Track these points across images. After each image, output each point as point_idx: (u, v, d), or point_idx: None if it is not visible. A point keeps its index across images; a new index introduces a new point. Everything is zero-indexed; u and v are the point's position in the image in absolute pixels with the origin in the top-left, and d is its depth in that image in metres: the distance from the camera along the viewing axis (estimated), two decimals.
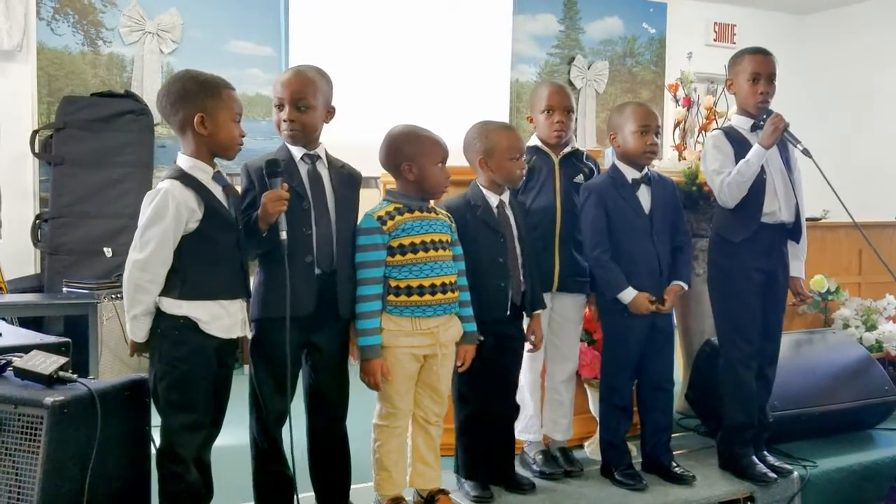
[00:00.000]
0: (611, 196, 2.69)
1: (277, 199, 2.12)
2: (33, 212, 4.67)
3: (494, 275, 2.50)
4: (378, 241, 2.30)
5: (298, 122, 2.23)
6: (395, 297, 2.30)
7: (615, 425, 2.76)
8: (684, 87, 4.00)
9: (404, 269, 2.30)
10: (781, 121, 2.64)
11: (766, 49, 2.77)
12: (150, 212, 2.01)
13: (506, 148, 2.51)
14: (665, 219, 2.72)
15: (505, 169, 2.51)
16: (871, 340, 3.77)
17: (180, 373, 2.04)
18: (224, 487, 2.25)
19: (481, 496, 2.53)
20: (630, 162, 2.71)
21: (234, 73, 4.99)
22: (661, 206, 2.72)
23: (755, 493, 2.74)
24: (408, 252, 2.30)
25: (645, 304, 2.64)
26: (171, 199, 2.00)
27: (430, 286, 2.31)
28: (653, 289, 2.67)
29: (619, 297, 2.65)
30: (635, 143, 2.67)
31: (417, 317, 2.31)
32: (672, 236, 2.75)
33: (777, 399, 2.98)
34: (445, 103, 5.41)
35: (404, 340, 2.31)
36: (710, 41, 6.99)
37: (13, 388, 1.94)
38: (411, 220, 2.33)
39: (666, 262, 2.71)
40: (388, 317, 2.30)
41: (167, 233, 2.00)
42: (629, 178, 2.71)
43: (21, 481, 1.85)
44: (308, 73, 2.28)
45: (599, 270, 2.69)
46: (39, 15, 4.75)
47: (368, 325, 2.28)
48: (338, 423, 2.37)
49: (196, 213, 2.04)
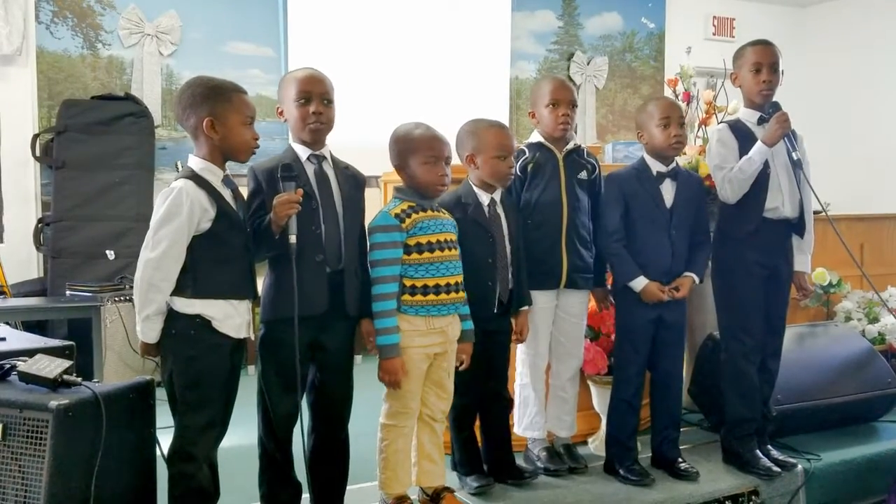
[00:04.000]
0: (632, 187, 2.70)
1: (287, 202, 2.12)
2: (35, 216, 4.67)
3: (483, 274, 2.50)
4: (397, 238, 2.30)
5: (325, 115, 2.26)
6: (410, 297, 2.30)
7: (622, 421, 2.76)
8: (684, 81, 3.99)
9: (420, 268, 2.31)
10: (787, 122, 2.64)
11: (767, 40, 2.78)
12: (163, 210, 2.01)
13: (493, 146, 2.50)
14: (686, 215, 2.72)
15: (490, 167, 2.51)
16: (874, 333, 3.77)
17: (196, 372, 2.05)
18: (229, 488, 2.26)
19: (482, 486, 2.55)
20: (658, 156, 2.72)
21: (234, 74, 4.98)
22: (684, 202, 2.72)
23: (759, 487, 2.74)
24: (424, 251, 2.31)
25: (656, 293, 2.65)
26: (185, 197, 2.01)
27: (446, 285, 2.32)
28: (665, 282, 2.68)
29: (630, 284, 2.66)
30: (660, 137, 2.68)
31: (432, 316, 2.31)
32: (692, 233, 2.75)
33: (780, 392, 2.98)
34: (445, 102, 5.41)
35: (419, 340, 2.31)
36: (709, 35, 6.98)
37: (18, 392, 1.94)
38: (426, 219, 2.34)
39: (681, 256, 2.71)
40: (403, 317, 2.30)
41: (181, 231, 2.01)
42: (654, 171, 2.71)
43: (27, 485, 1.85)
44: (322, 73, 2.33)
45: (613, 258, 2.71)
46: (38, 19, 4.75)
47: (388, 324, 2.28)
48: (341, 422, 2.38)
49: (209, 213, 2.05)
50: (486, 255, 2.51)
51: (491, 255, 2.51)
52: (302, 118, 2.26)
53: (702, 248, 2.78)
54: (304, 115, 2.25)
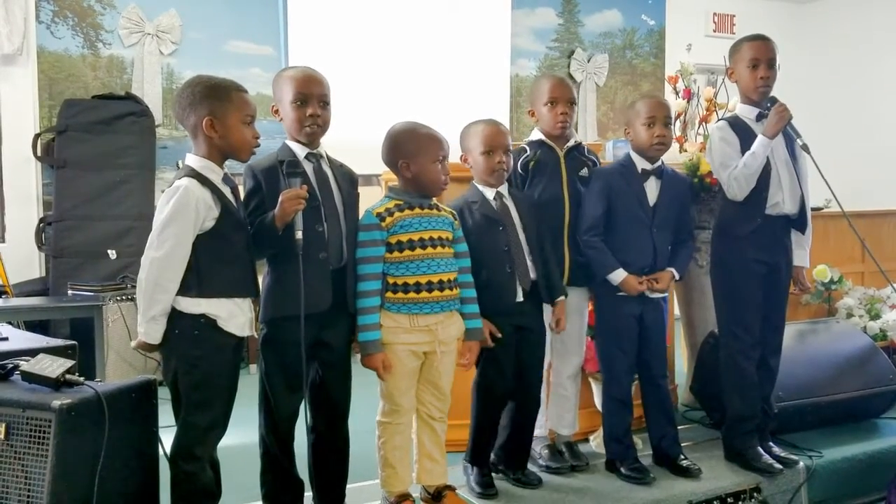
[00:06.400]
0: (616, 184, 2.70)
1: (295, 197, 2.12)
2: (37, 215, 4.68)
3: (500, 262, 2.49)
4: (377, 236, 2.31)
5: (322, 118, 2.26)
6: (392, 294, 2.32)
7: (616, 419, 2.77)
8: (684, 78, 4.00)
9: (402, 266, 2.31)
10: (786, 112, 2.63)
11: (764, 35, 2.76)
12: (169, 209, 2.00)
13: (479, 142, 2.51)
14: (669, 214, 2.72)
15: (479, 164, 2.52)
16: (875, 329, 3.77)
17: (202, 372, 2.05)
18: (230, 487, 2.26)
19: (486, 492, 2.55)
20: (642, 154, 2.72)
21: (235, 73, 4.98)
22: (668, 201, 2.72)
23: (761, 484, 2.74)
24: (405, 249, 2.31)
25: (635, 285, 2.65)
26: (190, 195, 2.01)
27: (427, 283, 2.31)
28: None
29: (609, 277, 2.67)
30: (644, 136, 2.68)
31: (415, 314, 2.31)
32: (676, 232, 2.75)
33: (782, 389, 2.98)
34: (446, 100, 5.40)
35: (403, 337, 2.32)
36: (709, 32, 6.97)
37: (21, 392, 1.95)
38: (410, 217, 2.34)
39: (663, 254, 2.71)
40: (386, 314, 2.32)
41: (187, 230, 2.01)
42: (639, 169, 2.71)
43: (30, 484, 1.86)
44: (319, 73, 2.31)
45: (591, 251, 2.69)
46: (39, 18, 4.75)
47: (368, 321, 2.29)
48: (341, 419, 2.38)
49: (213, 211, 2.05)
50: (500, 244, 2.50)
51: (505, 242, 2.51)
52: (299, 120, 2.25)
53: (684, 246, 2.78)
54: (300, 118, 2.25)
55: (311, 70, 2.31)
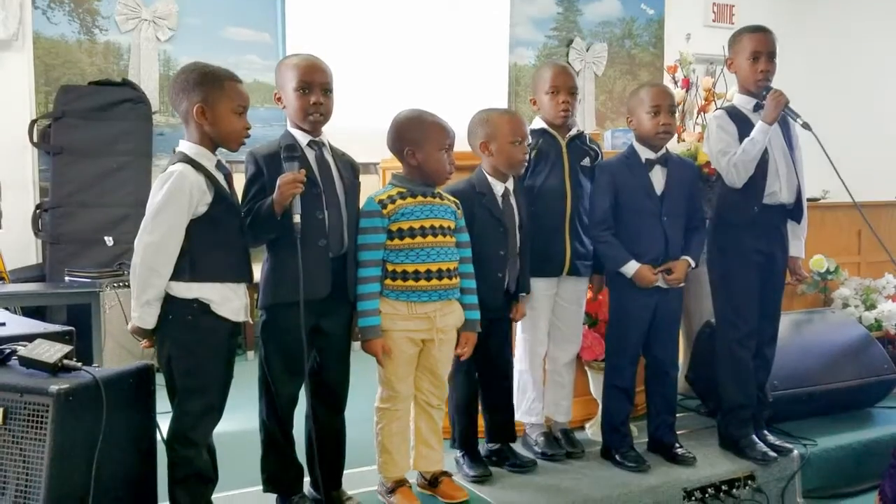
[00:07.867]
0: (622, 176, 2.70)
1: (293, 180, 2.12)
2: (33, 202, 4.66)
3: (494, 266, 2.52)
4: (378, 223, 2.31)
5: (325, 106, 2.26)
6: (391, 281, 2.32)
7: (616, 408, 2.78)
8: (683, 68, 3.99)
9: (401, 254, 2.32)
10: (782, 96, 2.63)
11: (765, 27, 2.76)
12: (163, 193, 2.00)
13: (507, 132, 2.51)
14: (678, 201, 2.71)
15: (506, 153, 2.52)
16: (871, 319, 3.79)
17: (195, 357, 2.06)
18: (229, 472, 2.27)
19: (481, 475, 2.57)
20: (646, 143, 2.72)
21: (232, 59, 4.97)
22: (676, 188, 2.71)
23: (755, 472, 2.76)
24: (406, 237, 2.32)
25: (649, 276, 2.64)
26: (185, 180, 2.01)
27: (426, 272, 2.32)
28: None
29: (622, 270, 2.66)
30: (648, 124, 2.67)
31: (413, 301, 2.32)
32: (687, 218, 2.75)
33: (777, 378, 3.00)
34: (444, 89, 5.39)
35: (401, 324, 2.33)
36: (708, 21, 6.95)
37: (19, 377, 1.95)
38: (412, 205, 2.34)
39: (675, 243, 2.70)
40: (385, 300, 2.32)
41: (181, 214, 2.01)
42: (643, 158, 2.71)
43: (28, 468, 1.86)
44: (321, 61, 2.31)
45: (603, 246, 2.70)
46: (35, 4, 4.71)
47: (368, 307, 2.30)
48: (339, 406, 2.39)
49: (206, 196, 2.05)
50: (497, 248, 2.52)
51: (503, 247, 2.53)
52: (302, 108, 2.24)
53: (697, 233, 2.77)
54: (303, 106, 2.24)
55: (315, 58, 2.30)
